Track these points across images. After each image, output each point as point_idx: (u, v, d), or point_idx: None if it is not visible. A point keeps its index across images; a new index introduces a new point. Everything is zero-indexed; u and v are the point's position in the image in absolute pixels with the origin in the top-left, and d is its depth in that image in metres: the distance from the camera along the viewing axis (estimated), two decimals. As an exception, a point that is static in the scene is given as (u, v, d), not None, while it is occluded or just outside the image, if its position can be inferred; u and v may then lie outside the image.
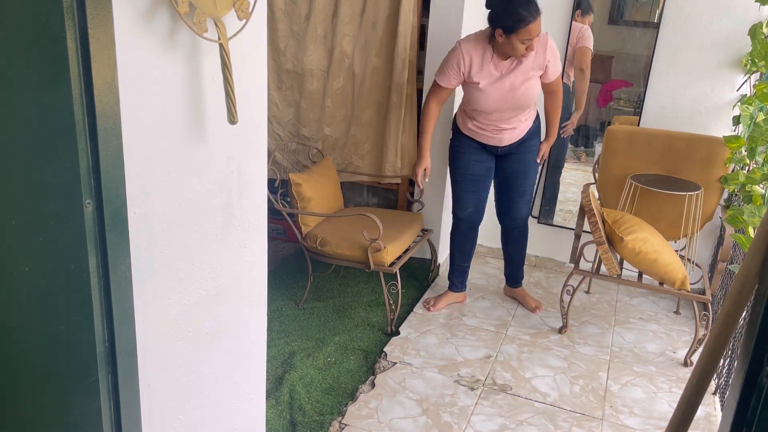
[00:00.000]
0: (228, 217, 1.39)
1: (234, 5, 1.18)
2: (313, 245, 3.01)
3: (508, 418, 2.41)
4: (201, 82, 1.21)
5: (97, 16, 0.91)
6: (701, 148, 2.99)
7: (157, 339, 1.24)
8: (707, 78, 3.20)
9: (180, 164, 1.20)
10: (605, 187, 3.22)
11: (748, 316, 1.04)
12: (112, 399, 1.10)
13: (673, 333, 3.12)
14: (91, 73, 0.92)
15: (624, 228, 2.74)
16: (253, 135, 1.42)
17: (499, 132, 2.87)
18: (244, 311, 1.54)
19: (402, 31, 3.24)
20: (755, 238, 1.00)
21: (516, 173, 2.99)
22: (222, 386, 1.51)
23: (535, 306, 3.21)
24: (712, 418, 2.49)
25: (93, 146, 0.95)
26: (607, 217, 2.81)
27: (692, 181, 3.00)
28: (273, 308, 3.04)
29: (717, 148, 2.95)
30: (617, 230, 2.74)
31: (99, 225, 0.99)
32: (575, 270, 2.97)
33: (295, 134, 3.64)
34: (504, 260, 3.30)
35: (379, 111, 3.49)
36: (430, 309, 3.16)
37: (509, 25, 2.54)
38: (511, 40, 2.57)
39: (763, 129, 2.35)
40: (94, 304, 1.02)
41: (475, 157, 2.95)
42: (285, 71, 3.52)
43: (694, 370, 1.14)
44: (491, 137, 2.89)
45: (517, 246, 3.20)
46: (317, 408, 2.39)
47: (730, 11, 3.08)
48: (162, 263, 1.21)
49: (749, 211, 2.19)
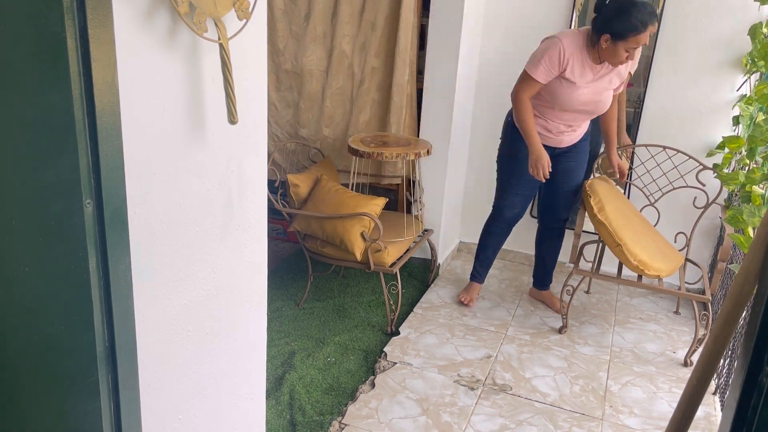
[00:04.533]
0: (228, 217, 1.39)
1: (234, 5, 1.18)
2: (313, 245, 3.01)
3: (508, 418, 2.41)
4: (201, 82, 1.21)
5: (97, 16, 0.91)
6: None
7: (157, 339, 1.24)
8: (707, 78, 3.20)
9: (180, 164, 1.20)
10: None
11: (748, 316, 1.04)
12: (112, 399, 1.10)
13: (673, 333, 3.12)
14: (91, 73, 0.92)
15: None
16: (253, 135, 1.42)
17: (561, 134, 2.85)
18: (244, 311, 1.54)
19: (402, 31, 3.24)
20: (755, 238, 1.00)
21: (567, 172, 2.97)
22: (222, 386, 1.51)
23: (561, 307, 3.16)
24: (712, 418, 2.49)
25: (93, 146, 0.95)
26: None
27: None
28: (273, 308, 3.04)
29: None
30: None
31: (99, 225, 0.99)
32: (575, 270, 2.97)
33: (293, 135, 3.64)
34: (535, 262, 3.30)
35: (379, 111, 3.49)
36: (470, 304, 3.21)
37: (620, 32, 2.50)
38: (617, 46, 2.54)
39: (763, 129, 2.35)
40: (94, 304, 1.02)
41: None
42: (284, 71, 3.51)
43: (694, 370, 1.14)
44: (553, 138, 2.86)
45: (553, 246, 3.21)
46: (317, 408, 2.39)
47: (730, 11, 3.08)
48: (162, 263, 1.21)
49: (749, 211, 2.18)
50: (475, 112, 3.67)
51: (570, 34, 2.65)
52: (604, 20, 2.54)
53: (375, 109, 3.48)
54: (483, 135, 3.68)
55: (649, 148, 3.25)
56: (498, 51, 3.52)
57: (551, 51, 2.62)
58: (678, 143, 3.28)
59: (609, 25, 2.52)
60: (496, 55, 3.53)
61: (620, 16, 2.49)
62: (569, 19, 3.35)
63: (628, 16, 2.48)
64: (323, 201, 2.94)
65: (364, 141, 3.13)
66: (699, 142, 3.29)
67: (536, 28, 3.42)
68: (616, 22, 2.50)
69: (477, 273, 3.26)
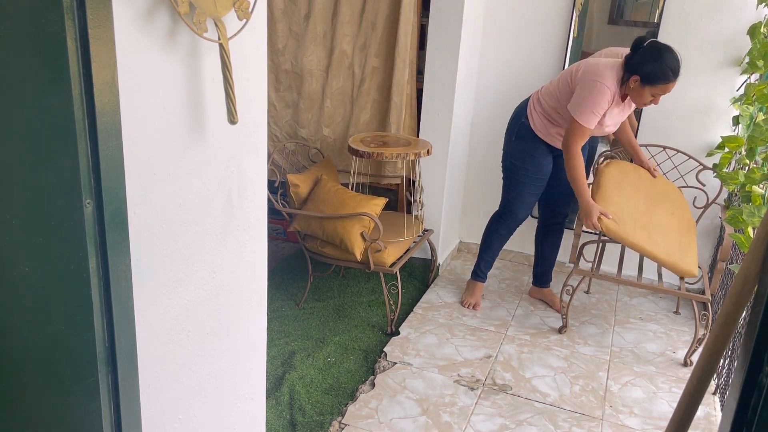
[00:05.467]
0: (228, 217, 1.39)
1: (234, 5, 1.18)
2: (313, 245, 3.01)
3: (508, 418, 2.41)
4: (201, 82, 1.21)
5: (97, 16, 0.91)
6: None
7: (157, 339, 1.24)
8: (707, 78, 3.20)
9: (180, 164, 1.20)
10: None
11: (748, 316, 1.04)
12: (112, 399, 1.10)
13: (673, 333, 3.12)
14: (91, 73, 0.92)
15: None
16: (253, 135, 1.42)
17: None
18: (244, 311, 1.54)
19: (402, 31, 3.24)
20: (755, 238, 1.00)
21: None
22: (222, 386, 1.51)
23: (561, 307, 3.17)
24: (712, 418, 2.49)
25: (93, 146, 0.95)
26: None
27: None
28: (273, 308, 3.04)
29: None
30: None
31: (99, 225, 0.99)
32: (575, 270, 2.97)
33: (292, 135, 3.64)
34: (535, 259, 3.32)
35: (379, 111, 3.49)
36: (476, 308, 3.21)
37: (651, 77, 2.54)
38: (644, 89, 2.58)
39: (763, 129, 2.35)
40: (94, 304, 1.02)
41: (546, 160, 2.96)
42: (283, 71, 3.51)
43: (694, 370, 1.14)
44: (561, 142, 2.88)
45: (553, 241, 3.24)
46: (317, 408, 2.38)
47: (730, 11, 3.08)
48: (162, 263, 1.21)
49: (749, 211, 2.18)
50: (475, 112, 3.67)
51: (610, 75, 2.62)
52: (638, 61, 2.56)
53: (375, 109, 3.48)
54: (483, 135, 3.68)
55: (649, 148, 3.25)
56: (498, 51, 3.52)
57: (600, 99, 2.61)
58: (678, 143, 3.28)
59: (641, 68, 2.55)
60: (496, 55, 3.53)
61: (655, 60, 2.52)
62: (569, 19, 3.35)
63: (662, 63, 2.51)
64: (323, 201, 2.94)
65: (364, 141, 3.13)
66: (699, 142, 3.29)
67: (536, 28, 3.42)
68: (650, 65, 2.53)
69: (481, 272, 3.26)
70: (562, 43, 3.38)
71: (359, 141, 3.12)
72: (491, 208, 3.22)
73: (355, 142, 3.09)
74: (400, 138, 3.28)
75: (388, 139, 3.22)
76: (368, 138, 3.21)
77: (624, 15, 3.39)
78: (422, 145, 3.12)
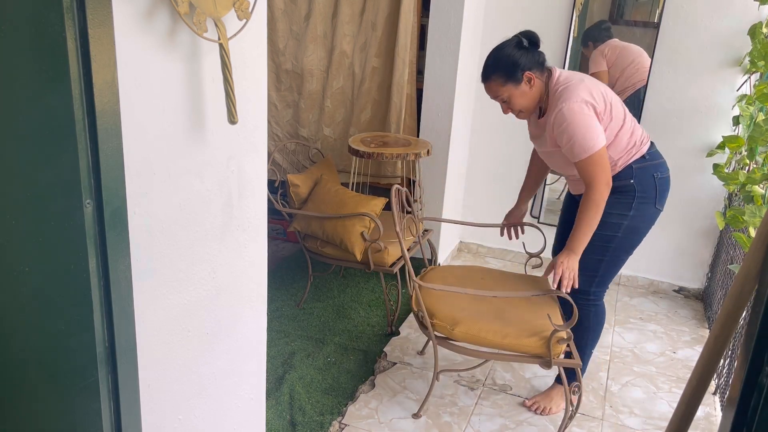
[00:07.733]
0: (228, 217, 1.39)
1: (234, 5, 1.18)
2: (313, 245, 3.01)
3: (508, 418, 2.41)
4: (201, 82, 1.21)
5: (97, 16, 0.91)
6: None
7: (157, 339, 1.24)
8: (707, 78, 3.20)
9: (180, 164, 1.20)
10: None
11: (748, 316, 1.04)
12: (112, 399, 1.10)
13: (673, 333, 3.12)
14: (91, 73, 0.92)
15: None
16: (253, 135, 1.42)
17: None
18: (244, 311, 1.54)
19: (402, 31, 3.24)
20: (755, 238, 1.00)
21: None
22: (222, 386, 1.51)
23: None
24: (712, 418, 2.49)
25: (93, 146, 0.95)
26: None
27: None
28: (273, 308, 3.04)
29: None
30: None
31: (99, 225, 0.99)
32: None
33: (293, 135, 3.64)
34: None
35: (379, 111, 3.49)
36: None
37: None
38: None
39: (763, 129, 2.35)
40: (94, 304, 1.02)
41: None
42: (284, 71, 3.52)
43: (694, 370, 1.14)
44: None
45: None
46: (317, 408, 2.38)
47: (730, 11, 3.08)
48: (162, 263, 1.21)
49: (750, 211, 2.18)
50: (475, 112, 3.67)
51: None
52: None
53: (375, 109, 3.48)
54: (483, 135, 3.68)
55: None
56: (498, 51, 3.52)
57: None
58: (678, 143, 3.28)
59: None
60: (496, 55, 3.53)
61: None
62: (569, 19, 3.35)
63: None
64: (323, 201, 2.94)
65: (364, 141, 3.13)
66: (699, 142, 3.29)
67: (536, 28, 3.41)
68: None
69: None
70: (562, 43, 3.38)
71: (359, 141, 3.12)
72: (491, 208, 3.22)
73: (355, 142, 3.09)
74: (400, 138, 3.28)
75: (388, 140, 3.22)
76: (368, 138, 3.21)
77: (624, 15, 3.39)
78: (422, 146, 3.12)
